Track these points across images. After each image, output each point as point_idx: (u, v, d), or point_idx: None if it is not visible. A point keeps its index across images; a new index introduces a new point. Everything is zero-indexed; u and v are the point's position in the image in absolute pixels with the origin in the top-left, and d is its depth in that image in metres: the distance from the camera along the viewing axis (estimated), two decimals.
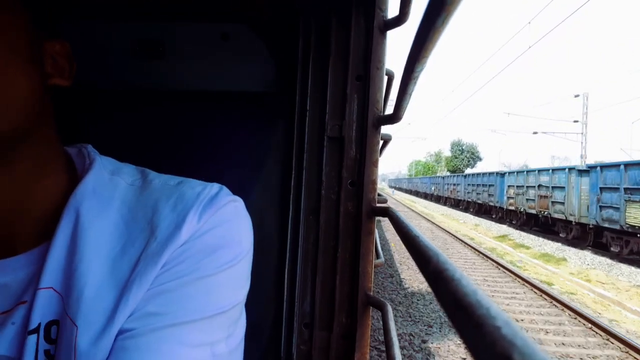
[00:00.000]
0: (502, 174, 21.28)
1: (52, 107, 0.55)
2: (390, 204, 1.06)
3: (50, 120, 0.55)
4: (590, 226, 13.24)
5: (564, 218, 14.69)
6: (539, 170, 17.00)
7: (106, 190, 0.56)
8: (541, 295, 8.12)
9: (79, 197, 0.54)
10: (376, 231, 1.06)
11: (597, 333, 6.32)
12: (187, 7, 1.13)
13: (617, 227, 11.65)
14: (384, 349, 5.02)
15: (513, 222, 20.03)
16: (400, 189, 73.92)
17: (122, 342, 0.47)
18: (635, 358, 5.51)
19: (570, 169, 14.60)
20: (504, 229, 19.40)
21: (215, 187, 0.58)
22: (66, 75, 0.56)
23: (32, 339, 0.49)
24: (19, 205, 0.52)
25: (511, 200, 19.73)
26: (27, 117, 0.49)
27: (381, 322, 0.91)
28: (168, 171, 0.62)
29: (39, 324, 0.49)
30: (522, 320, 6.66)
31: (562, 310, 7.32)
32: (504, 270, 10.28)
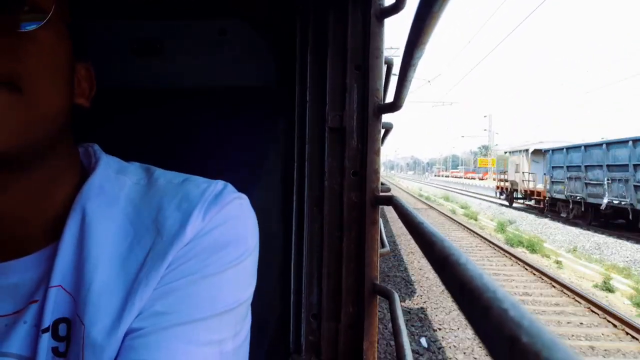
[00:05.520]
0: None
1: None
2: None
3: (70, 131, 0.57)
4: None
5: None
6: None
7: (112, 189, 0.57)
8: None
9: (85, 196, 0.54)
10: (380, 220, 1.06)
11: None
12: (184, 4, 1.12)
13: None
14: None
15: None
16: None
17: (131, 341, 0.47)
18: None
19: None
20: None
21: (219, 184, 0.58)
22: (86, 97, 0.59)
23: (45, 338, 0.49)
24: (36, 208, 0.53)
25: None
26: (56, 130, 0.51)
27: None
28: (170, 168, 0.62)
29: (50, 323, 0.50)
30: None
31: None
32: None
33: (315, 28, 1.03)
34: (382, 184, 1.04)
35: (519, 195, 22.66)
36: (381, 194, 1.00)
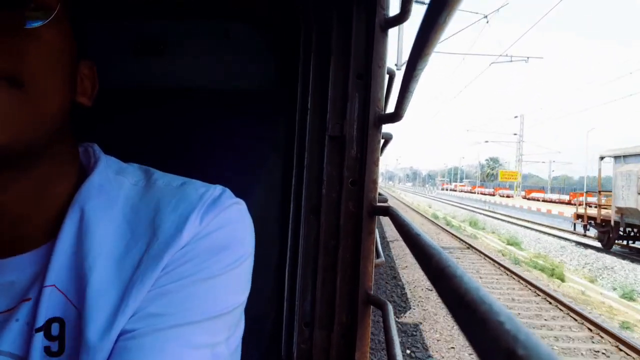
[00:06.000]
0: None
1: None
2: None
3: (70, 129, 0.57)
4: None
5: None
6: None
7: (111, 190, 0.57)
8: None
9: (84, 196, 0.54)
10: (376, 230, 1.06)
11: None
12: (189, 5, 1.13)
13: None
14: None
15: None
16: None
17: (125, 342, 0.47)
18: None
19: None
20: None
21: (218, 189, 0.58)
22: (88, 95, 0.59)
23: (38, 337, 0.49)
24: (36, 206, 0.53)
25: None
26: (57, 128, 0.51)
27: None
28: (169, 169, 0.62)
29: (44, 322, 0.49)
30: None
31: None
32: None
33: (319, 35, 1.03)
34: (379, 194, 1.04)
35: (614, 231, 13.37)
36: (378, 204, 1.00)
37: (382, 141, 1.06)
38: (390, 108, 0.97)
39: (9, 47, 0.44)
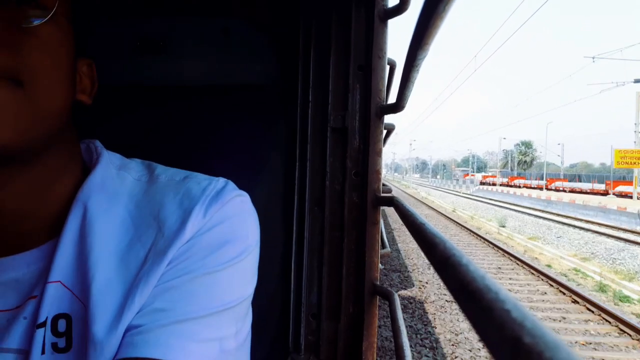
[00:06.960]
0: None
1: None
2: None
3: (71, 127, 0.57)
4: None
5: None
6: None
7: (113, 185, 0.57)
8: None
9: (87, 192, 0.54)
10: (381, 221, 1.06)
11: None
12: (188, 3, 1.13)
13: None
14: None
15: None
16: None
17: (131, 338, 0.47)
18: None
19: None
20: None
21: (221, 181, 0.58)
22: (87, 93, 0.59)
23: (40, 333, 0.49)
24: (38, 203, 0.53)
25: None
26: (58, 126, 0.51)
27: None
28: (171, 165, 0.62)
29: (47, 318, 0.50)
30: None
31: None
32: None
33: (318, 28, 1.03)
34: (383, 184, 1.04)
35: None
36: (382, 194, 1.00)
37: (384, 132, 1.05)
38: (392, 99, 0.97)
39: (9, 46, 0.44)
